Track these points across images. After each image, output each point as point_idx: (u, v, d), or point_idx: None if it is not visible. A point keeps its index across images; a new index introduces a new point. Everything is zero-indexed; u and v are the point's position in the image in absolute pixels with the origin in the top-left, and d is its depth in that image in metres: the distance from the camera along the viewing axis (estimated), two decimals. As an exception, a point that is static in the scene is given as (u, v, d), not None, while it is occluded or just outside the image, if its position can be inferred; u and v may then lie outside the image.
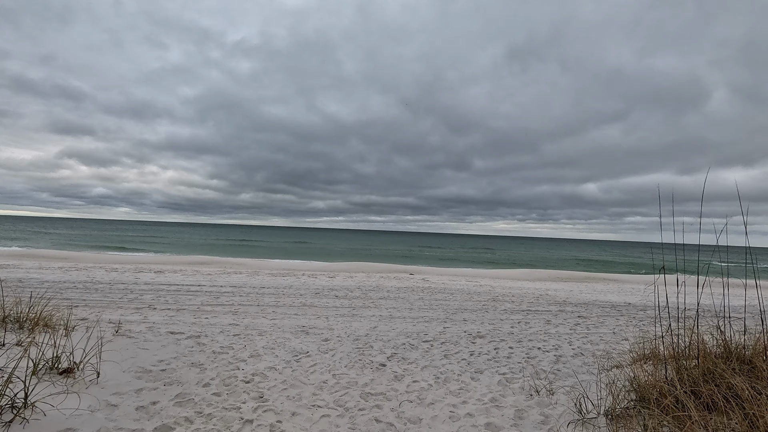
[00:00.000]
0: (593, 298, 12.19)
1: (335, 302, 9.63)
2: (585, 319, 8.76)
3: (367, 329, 6.84)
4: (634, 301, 12.12)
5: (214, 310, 8.14)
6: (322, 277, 16.15)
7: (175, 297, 9.52)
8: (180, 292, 10.34)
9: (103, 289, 10.17)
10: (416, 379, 4.43)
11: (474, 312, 9.05)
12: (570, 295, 12.71)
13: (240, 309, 8.38)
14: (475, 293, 12.12)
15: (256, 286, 11.78)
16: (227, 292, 10.45)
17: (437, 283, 15.32)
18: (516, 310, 9.55)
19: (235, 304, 8.96)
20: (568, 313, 9.33)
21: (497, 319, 8.35)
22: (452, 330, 7.05)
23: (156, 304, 8.55)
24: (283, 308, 8.62)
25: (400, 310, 8.88)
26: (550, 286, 15.98)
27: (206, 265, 21.02)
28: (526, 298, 11.44)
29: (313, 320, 7.52)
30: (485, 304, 10.22)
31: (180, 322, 6.83)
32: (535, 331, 7.22)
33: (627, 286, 17.80)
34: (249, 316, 7.77)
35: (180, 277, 14.01)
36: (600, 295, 13.28)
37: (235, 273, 16.50)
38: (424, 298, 10.66)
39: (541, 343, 6.34)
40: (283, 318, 7.63)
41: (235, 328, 6.53)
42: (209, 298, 9.52)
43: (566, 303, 10.92)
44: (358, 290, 11.81)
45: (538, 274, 22.97)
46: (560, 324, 8.03)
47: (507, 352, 5.67)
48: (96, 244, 35.62)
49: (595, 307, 10.37)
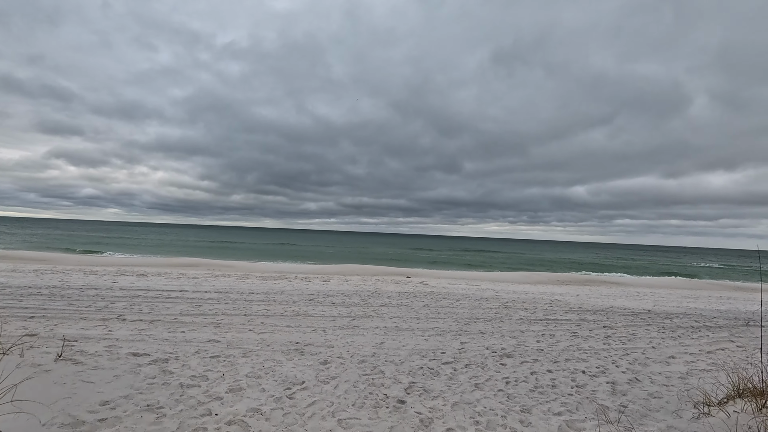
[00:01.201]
0: (607, 304, 11.17)
1: (332, 310, 8.44)
2: (612, 330, 7.70)
3: (372, 346, 5.67)
4: (650, 306, 11.12)
5: (193, 322, 6.91)
6: (315, 280, 14.93)
7: (152, 305, 8.25)
8: (158, 298, 9.07)
9: (70, 296, 8.85)
10: (450, 425, 3.27)
11: (488, 322, 7.94)
12: (582, 301, 11.67)
13: (224, 320, 7.15)
14: (482, 299, 11.02)
15: (245, 292, 10.54)
16: (211, 299, 9.20)
17: (438, 287, 14.20)
18: (533, 319, 8.45)
19: (218, 313, 7.72)
20: (590, 323, 8.27)
21: (516, 330, 7.25)
22: (472, 346, 5.91)
23: (127, 314, 7.28)
24: (273, 318, 7.41)
25: (406, 320, 7.73)
26: (555, 290, 14.96)
27: (193, 268, 19.65)
28: (538, 305, 10.37)
29: (308, 334, 6.33)
30: (497, 311, 9.11)
31: (149, 338, 5.59)
32: (566, 347, 6.12)
33: (631, 290, 16.86)
34: (233, 328, 6.55)
35: (163, 281, 12.70)
36: (611, 300, 12.27)
37: (223, 276, 15.20)
38: (429, 306, 9.52)
39: (581, 363, 5.24)
40: (273, 331, 6.42)
41: (214, 346, 5.32)
42: (190, 306, 8.27)
43: (583, 310, 9.86)
44: (356, 296, 10.64)
45: (537, 277, 21.98)
46: (589, 337, 6.95)
47: (548, 379, 4.55)
48: (80, 246, 33.85)
49: (615, 315, 9.33)
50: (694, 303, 12.76)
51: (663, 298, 14.06)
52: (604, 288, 17.63)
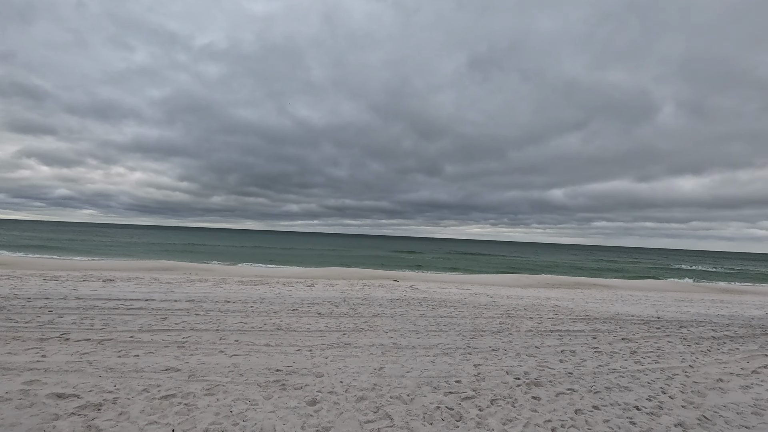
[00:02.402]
0: (613, 311, 10.31)
1: (319, 323, 7.28)
2: (634, 342, 6.78)
3: (370, 373, 4.55)
4: (654, 312, 10.33)
5: (153, 341, 5.65)
6: (299, 285, 13.70)
7: (108, 318, 6.94)
8: (118, 310, 7.73)
9: (12, 308, 7.44)
10: None
11: (496, 335, 6.91)
12: (584, 307, 10.80)
13: (191, 337, 5.92)
14: (480, 306, 10.01)
15: (220, 300, 9.26)
16: (180, 310, 7.91)
17: (429, 292, 13.16)
18: (543, 330, 7.48)
19: (186, 328, 6.47)
20: (605, 334, 7.34)
21: (530, 345, 6.23)
22: (488, 370, 4.86)
23: (73, 332, 5.97)
24: (250, 334, 6.21)
25: (405, 335, 6.63)
26: (550, 295, 14.11)
27: (168, 272, 18.10)
28: (542, 313, 9.42)
29: (291, 356, 5.17)
30: (502, 322, 8.11)
31: (89, 367, 4.34)
32: (596, 369, 5.13)
33: (624, 293, 16.17)
34: (201, 349, 5.34)
35: (132, 287, 11.28)
36: (611, 306, 11.45)
37: (200, 281, 13.81)
38: (426, 315, 8.45)
39: (627, 394, 4.24)
40: (249, 353, 5.23)
41: (171, 378, 4.11)
42: (154, 320, 6.99)
43: (590, 318, 8.96)
44: (344, 304, 9.49)
45: (526, 280, 21.20)
46: (614, 353, 5.99)
47: (600, 420, 3.52)
48: (50, 248, 31.57)
49: (627, 324, 8.45)
50: (694, 308, 12.07)
51: (659, 302, 13.36)
52: (596, 291, 16.92)
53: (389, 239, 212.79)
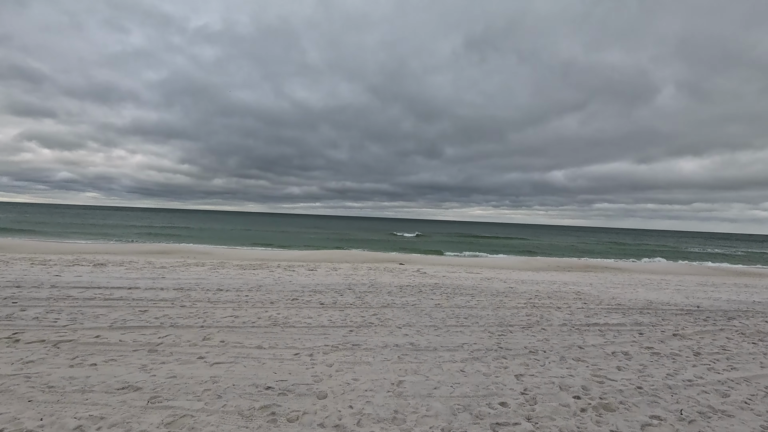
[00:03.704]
0: (642, 298, 9.22)
1: (321, 316, 6.20)
2: (689, 339, 5.69)
3: (388, 392, 3.46)
4: (689, 300, 9.24)
5: (120, 343, 4.58)
6: (300, 269, 12.65)
7: (78, 312, 5.87)
8: (94, 300, 6.67)
9: (-28, 299, 6.39)
10: None
11: (527, 331, 5.82)
12: (609, 293, 9.71)
13: (168, 337, 4.84)
14: (499, 294, 8.93)
15: (212, 288, 8.19)
16: (165, 300, 6.84)
17: (438, 277, 12.09)
18: (578, 324, 6.39)
19: (165, 324, 5.40)
20: (651, 328, 6.25)
21: (572, 345, 5.14)
22: (536, 383, 3.77)
23: (29, 330, 4.90)
24: (240, 332, 5.13)
25: (423, 331, 5.55)
26: (566, 279, 13.03)
27: (166, 255, 17.08)
28: (568, 302, 8.33)
29: (286, 364, 4.09)
30: (528, 314, 7.02)
31: (22, 385, 3.25)
32: (667, 379, 4.03)
33: (641, 277, 15.09)
34: (176, 354, 4.26)
35: (122, 272, 10.24)
36: (635, 292, 10.36)
37: (196, 265, 12.77)
38: (442, 306, 7.36)
39: (729, 422, 3.15)
40: (234, 359, 4.15)
41: (124, 404, 3.02)
42: (131, 313, 5.91)
43: (625, 308, 7.87)
44: (349, 292, 8.41)
45: (535, 263, 20.13)
46: (675, 355, 4.89)
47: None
48: (47, 232, 30.58)
49: (668, 315, 7.36)
50: (723, 293, 10.98)
51: (683, 287, 12.28)
52: (610, 275, 15.83)
53: (392, 221, 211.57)
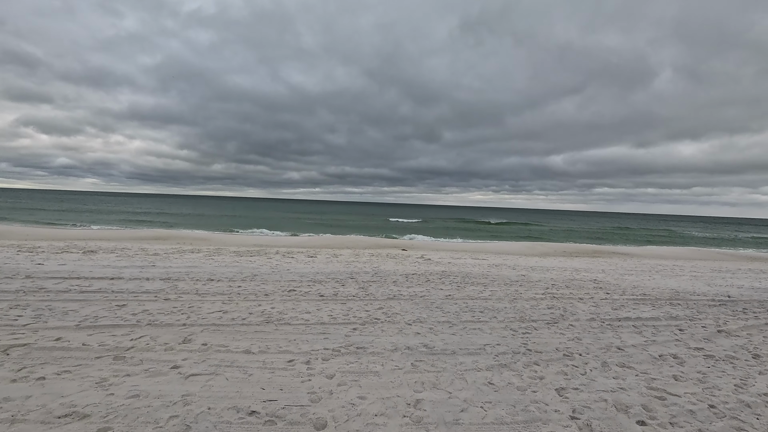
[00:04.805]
0: (664, 286, 8.48)
1: (321, 310, 5.45)
2: (738, 337, 4.94)
3: (404, 419, 2.69)
4: (707, 288, 8.52)
5: (83, 347, 3.83)
6: (299, 255, 11.90)
7: (46, 307, 5.11)
8: (69, 293, 5.91)
9: (-69, 292, 5.64)
10: None
11: (553, 327, 5.08)
12: (628, 282, 8.97)
13: (141, 339, 4.09)
14: (513, 283, 8.18)
15: (203, 278, 7.44)
16: (148, 293, 6.09)
17: (444, 263, 11.36)
18: (607, 318, 5.64)
19: (142, 322, 4.64)
20: (689, 323, 5.51)
21: (610, 346, 4.39)
22: (584, 400, 3.02)
23: (-19, 331, 4.16)
24: (226, 332, 4.38)
25: (436, 329, 4.80)
26: (576, 265, 12.30)
27: (161, 241, 16.32)
28: (588, 291, 7.58)
29: (278, 375, 3.34)
30: (550, 306, 6.27)
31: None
32: (737, 393, 3.28)
33: (653, 263, 14.35)
34: (147, 361, 3.51)
35: (111, 259, 9.48)
36: (652, 279, 9.61)
37: (191, 252, 12.03)
38: (453, 297, 6.61)
39: None
40: (215, 370, 3.40)
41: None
42: (106, 308, 5.16)
43: (652, 299, 7.13)
44: (351, 281, 7.67)
45: (541, 248, 19.39)
46: (732, 359, 4.14)
47: None
48: (43, 218, 29.79)
49: (702, 307, 6.62)
50: (743, 280, 10.25)
51: (700, 273, 11.55)
52: (620, 260, 15.10)
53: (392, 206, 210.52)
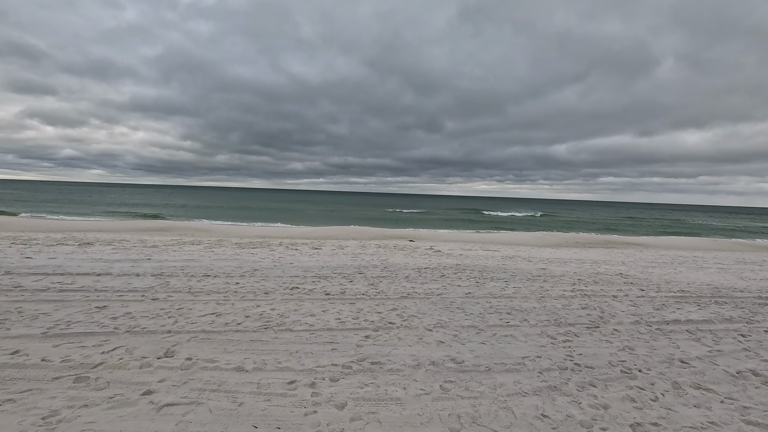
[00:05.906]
0: (696, 281, 7.70)
1: (327, 312, 4.73)
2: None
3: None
4: (760, 284, 7.73)
5: (44, 361, 3.12)
6: (303, 247, 11.19)
7: (15, 309, 4.42)
8: (47, 292, 5.22)
9: None
10: None
11: (594, 333, 4.33)
12: (657, 276, 8.18)
13: (115, 352, 3.38)
14: (536, 278, 7.42)
15: (198, 273, 6.74)
16: (135, 291, 5.39)
17: (455, 255, 10.61)
18: (652, 321, 4.88)
19: (120, 329, 3.94)
20: (748, 326, 4.73)
21: (673, 359, 3.64)
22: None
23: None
24: (217, 341, 3.67)
25: (462, 336, 4.07)
26: (593, 257, 11.52)
27: (162, 233, 15.66)
28: (619, 287, 6.81)
29: (276, 403, 2.62)
30: (583, 305, 5.52)
31: None
32: None
33: (672, 254, 13.53)
34: (115, 383, 2.80)
35: (106, 252, 8.82)
36: (677, 272, 8.83)
37: (192, 244, 11.35)
38: (474, 295, 5.87)
39: None
40: (198, 397, 2.68)
41: None
42: (84, 311, 4.47)
43: (693, 296, 6.35)
44: (359, 276, 6.94)
45: (552, 238, 18.58)
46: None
47: None
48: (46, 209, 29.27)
49: (753, 306, 5.83)
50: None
51: (726, 265, 10.74)
52: (637, 251, 14.28)
53: (396, 197, 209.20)
